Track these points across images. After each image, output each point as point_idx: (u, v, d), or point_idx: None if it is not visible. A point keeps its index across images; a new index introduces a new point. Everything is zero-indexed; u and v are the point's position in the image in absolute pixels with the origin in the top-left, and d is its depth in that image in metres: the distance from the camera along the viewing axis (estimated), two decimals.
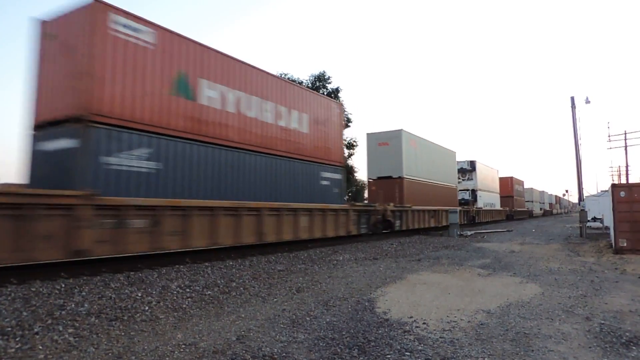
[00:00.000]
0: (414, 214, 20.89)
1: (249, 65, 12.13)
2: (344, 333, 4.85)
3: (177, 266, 9.04)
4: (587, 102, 23.55)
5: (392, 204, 18.73)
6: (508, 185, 46.59)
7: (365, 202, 21.01)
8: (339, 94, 33.67)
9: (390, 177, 20.44)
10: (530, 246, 15.74)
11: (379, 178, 20.80)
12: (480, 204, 33.43)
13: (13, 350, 4.10)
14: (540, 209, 67.12)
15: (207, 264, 9.62)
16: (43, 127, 8.79)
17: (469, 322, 5.36)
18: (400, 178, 20.23)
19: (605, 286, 7.73)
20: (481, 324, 5.24)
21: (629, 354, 4.27)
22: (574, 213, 73.45)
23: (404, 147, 20.59)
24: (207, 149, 10.56)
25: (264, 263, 10.15)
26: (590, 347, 4.44)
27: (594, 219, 25.39)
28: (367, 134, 21.60)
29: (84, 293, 6.33)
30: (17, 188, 7.73)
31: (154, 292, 6.63)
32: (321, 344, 4.49)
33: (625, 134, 35.27)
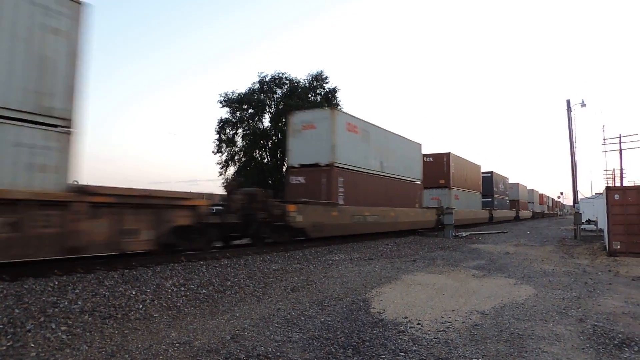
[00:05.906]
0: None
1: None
2: (338, 333, 4.85)
3: (172, 264, 9.01)
4: (583, 105, 23.70)
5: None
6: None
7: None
8: (336, 94, 33.62)
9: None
10: (524, 248, 15.82)
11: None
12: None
13: (4, 348, 4.07)
14: None
15: (201, 262, 9.59)
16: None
17: (463, 322, 5.37)
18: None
19: (599, 288, 7.78)
20: (475, 325, 5.26)
21: (621, 355, 4.30)
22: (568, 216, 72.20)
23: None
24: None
25: (259, 262, 10.13)
26: (583, 349, 4.47)
27: (588, 222, 25.53)
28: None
29: (77, 290, 6.28)
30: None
31: (148, 291, 6.59)
32: (315, 343, 4.48)
33: (620, 137, 35.56)
